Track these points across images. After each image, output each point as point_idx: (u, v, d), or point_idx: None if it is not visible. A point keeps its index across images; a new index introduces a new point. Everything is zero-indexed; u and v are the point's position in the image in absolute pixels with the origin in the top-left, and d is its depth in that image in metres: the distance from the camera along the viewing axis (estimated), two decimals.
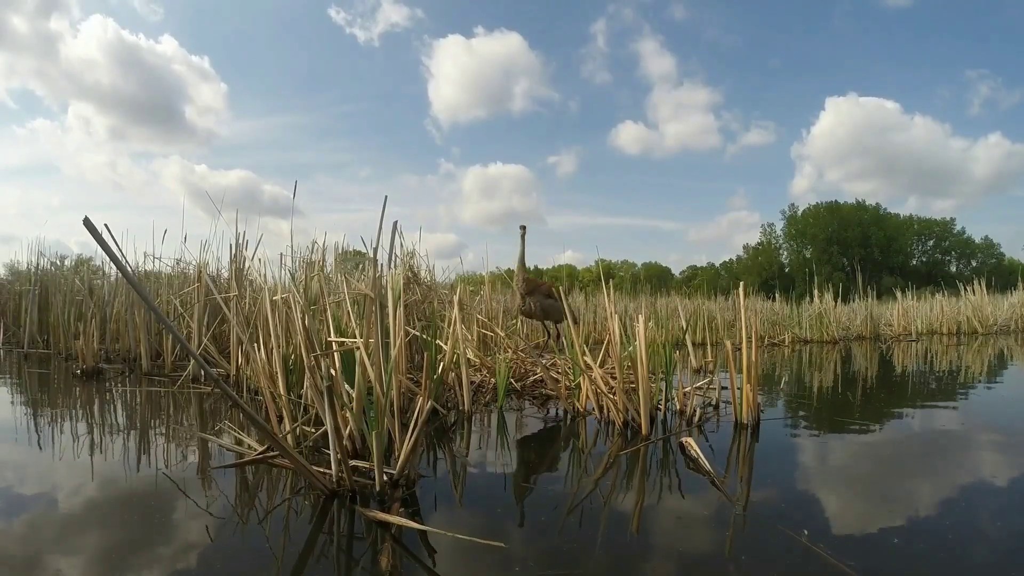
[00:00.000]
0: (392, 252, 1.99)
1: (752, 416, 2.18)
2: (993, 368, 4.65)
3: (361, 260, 4.55)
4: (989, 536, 1.22)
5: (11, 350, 5.42)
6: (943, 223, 44.26)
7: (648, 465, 1.74)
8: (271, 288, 2.92)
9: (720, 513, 1.34)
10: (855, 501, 1.46)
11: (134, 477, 1.60)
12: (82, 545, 1.16)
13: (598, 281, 4.66)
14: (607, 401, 2.25)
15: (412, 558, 1.11)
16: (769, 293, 10.56)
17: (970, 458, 1.90)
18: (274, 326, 2.11)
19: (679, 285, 28.75)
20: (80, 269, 6.06)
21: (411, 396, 2.38)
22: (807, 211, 43.35)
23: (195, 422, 2.39)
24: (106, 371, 3.92)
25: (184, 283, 4.48)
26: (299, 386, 2.18)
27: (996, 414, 2.73)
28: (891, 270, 38.34)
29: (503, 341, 3.65)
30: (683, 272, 47.58)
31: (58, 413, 2.61)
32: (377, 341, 1.59)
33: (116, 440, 2.03)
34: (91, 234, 1.01)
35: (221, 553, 1.12)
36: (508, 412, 2.56)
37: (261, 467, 1.66)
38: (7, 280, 7.00)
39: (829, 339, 7.73)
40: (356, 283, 2.94)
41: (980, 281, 10.46)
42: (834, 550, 1.10)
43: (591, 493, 1.49)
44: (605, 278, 2.81)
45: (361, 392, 1.68)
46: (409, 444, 1.44)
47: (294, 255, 3.62)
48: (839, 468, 1.79)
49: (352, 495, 1.41)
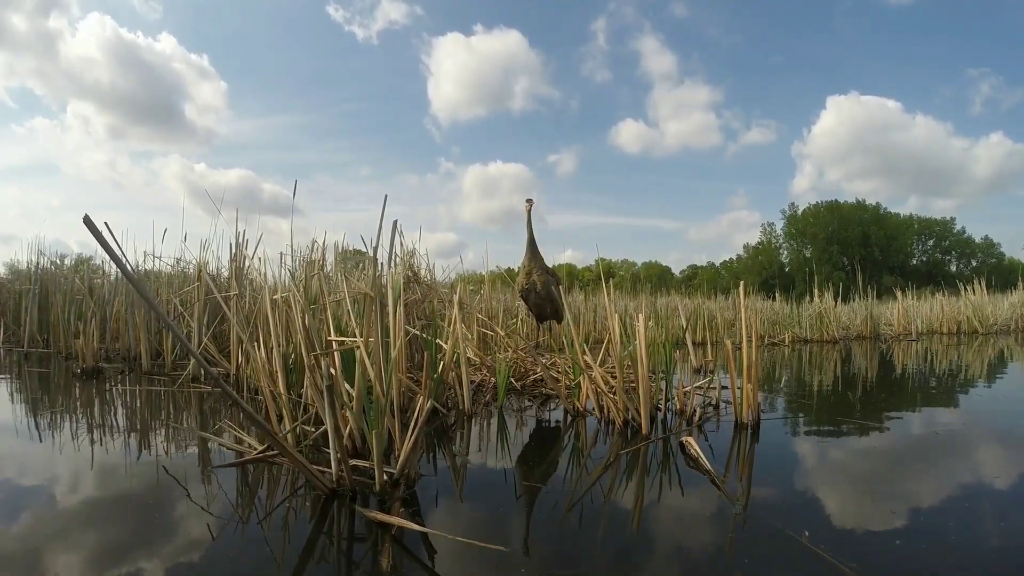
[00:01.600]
0: (392, 251, 1.99)
1: (752, 415, 2.18)
2: (993, 368, 4.65)
3: (361, 259, 4.55)
4: (992, 537, 1.21)
5: (11, 349, 5.42)
6: (943, 223, 44.27)
7: (648, 464, 1.74)
8: (271, 287, 2.92)
9: (720, 513, 1.34)
10: (856, 501, 1.46)
11: (134, 476, 1.59)
12: (81, 544, 1.16)
13: (598, 280, 4.67)
14: (607, 400, 2.25)
15: (412, 558, 1.11)
16: (769, 292, 10.56)
17: (972, 458, 1.90)
18: (274, 325, 2.10)
19: (679, 284, 28.75)
20: (80, 268, 6.05)
21: (411, 395, 2.38)
22: (807, 210, 43.37)
23: (195, 421, 2.39)
24: (106, 370, 3.92)
25: (184, 282, 4.47)
26: (299, 385, 2.18)
27: (997, 414, 2.73)
28: (891, 269, 38.33)
29: (503, 340, 3.65)
30: (683, 271, 47.64)
31: (58, 412, 2.61)
32: (377, 340, 1.59)
33: (116, 439, 2.03)
34: (91, 232, 1.01)
35: (221, 552, 1.12)
36: (508, 411, 2.56)
37: (261, 466, 1.66)
38: (7, 279, 6.99)
39: (829, 339, 7.72)
40: (356, 282, 2.94)
41: (980, 281, 10.46)
42: (835, 551, 1.10)
43: (591, 492, 1.49)
44: (605, 277, 2.81)
45: (361, 391, 1.68)
46: (409, 443, 1.44)
47: (294, 254, 3.62)
48: (839, 468, 1.79)
49: (352, 494, 1.41)
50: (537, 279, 3.53)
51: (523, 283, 3.56)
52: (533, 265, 3.59)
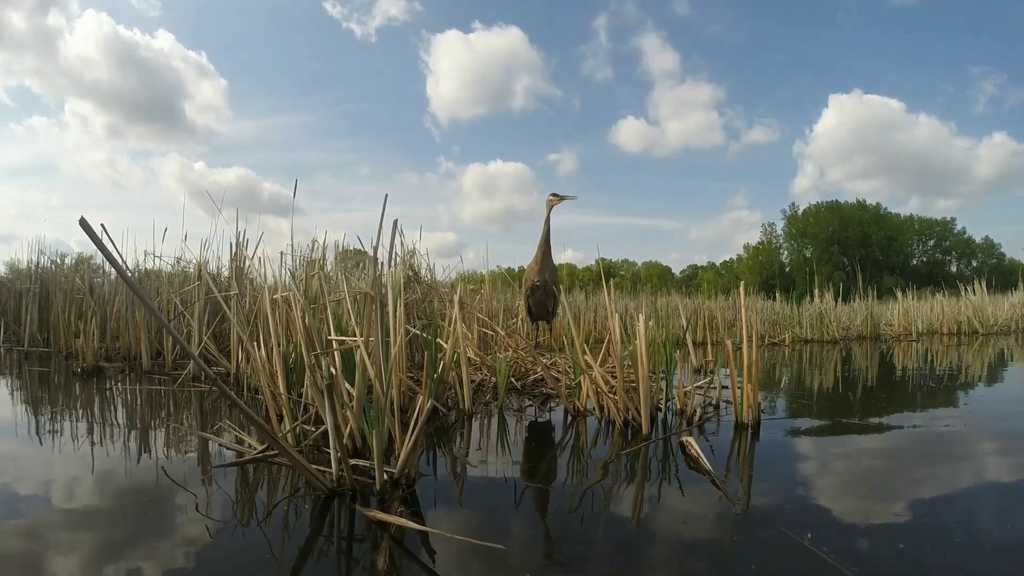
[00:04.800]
0: (392, 251, 1.99)
1: (753, 416, 2.17)
2: (994, 368, 4.64)
3: (362, 259, 4.55)
4: (997, 540, 1.21)
5: (11, 348, 5.42)
6: (943, 223, 44.30)
7: (648, 464, 1.74)
8: (271, 287, 2.92)
9: (721, 514, 1.34)
10: (857, 502, 1.45)
11: (133, 475, 1.59)
12: (81, 543, 1.16)
13: (598, 280, 4.66)
14: (607, 400, 2.25)
15: (412, 557, 1.11)
16: (769, 293, 10.56)
17: (974, 459, 1.89)
18: (274, 324, 2.10)
19: (679, 284, 28.74)
20: (80, 268, 6.05)
21: (411, 395, 2.38)
22: (807, 211, 43.40)
23: (195, 421, 2.39)
24: (106, 369, 3.91)
25: (184, 282, 4.47)
26: (299, 385, 2.18)
27: (998, 414, 2.72)
28: (891, 270, 38.33)
29: (503, 340, 3.65)
30: (683, 271, 47.64)
31: (58, 411, 2.61)
32: (377, 340, 1.59)
33: (116, 438, 2.03)
34: (87, 234, 1.00)
35: (220, 552, 1.12)
36: (508, 411, 2.56)
37: (261, 465, 1.66)
38: (7, 278, 6.99)
39: (829, 339, 7.72)
40: (356, 282, 2.94)
41: (980, 281, 10.44)
42: (836, 553, 1.10)
43: (591, 492, 1.49)
44: (605, 277, 2.81)
45: (361, 391, 1.68)
46: (409, 443, 1.44)
47: (294, 254, 3.61)
48: (840, 468, 1.78)
49: (352, 494, 1.41)
50: (548, 277, 3.52)
51: (534, 280, 3.53)
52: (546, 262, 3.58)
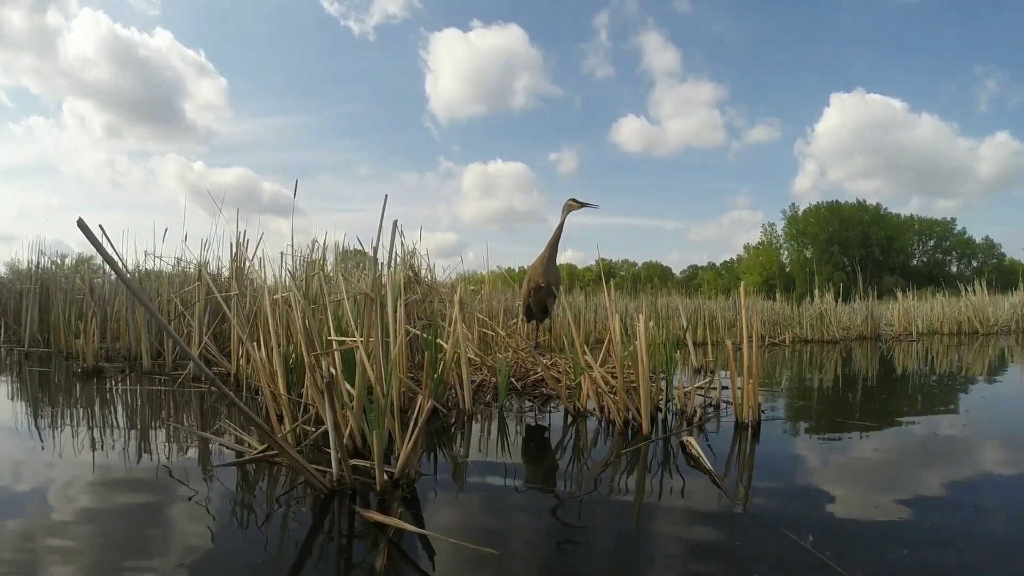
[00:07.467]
0: (392, 251, 1.99)
1: (753, 416, 2.17)
2: (994, 368, 4.64)
3: (362, 259, 4.55)
4: (1001, 542, 1.20)
5: (11, 349, 5.42)
6: (944, 223, 44.32)
7: (649, 464, 1.74)
8: (271, 287, 2.92)
9: (721, 514, 1.34)
10: (858, 503, 1.45)
11: (134, 475, 1.59)
12: (80, 543, 1.16)
13: (599, 280, 4.64)
14: (608, 400, 2.25)
15: (410, 559, 1.11)
16: (770, 293, 10.56)
17: (976, 460, 1.89)
18: (274, 325, 2.10)
19: (679, 284, 28.74)
20: (80, 268, 6.05)
21: (412, 395, 2.38)
22: (808, 211, 43.40)
23: (196, 421, 2.39)
24: (106, 370, 3.91)
25: (185, 282, 4.47)
26: (299, 385, 2.18)
27: (999, 415, 2.71)
28: (892, 270, 38.34)
29: (504, 340, 3.65)
30: (684, 271, 47.64)
31: (58, 411, 2.61)
32: (377, 340, 1.59)
33: (116, 438, 2.02)
34: (85, 235, 1.00)
35: (220, 551, 1.12)
36: (508, 411, 2.56)
37: (261, 465, 1.66)
38: (8, 279, 6.99)
39: (829, 339, 7.72)
40: (356, 282, 2.94)
41: (981, 281, 10.44)
42: (837, 556, 1.10)
43: (591, 492, 1.48)
44: (606, 277, 2.81)
45: (361, 391, 1.67)
46: (409, 443, 1.44)
47: (295, 254, 3.61)
48: (840, 469, 1.78)
49: (352, 494, 1.41)
50: (552, 279, 3.59)
51: (539, 280, 3.60)
52: (551, 264, 3.65)
